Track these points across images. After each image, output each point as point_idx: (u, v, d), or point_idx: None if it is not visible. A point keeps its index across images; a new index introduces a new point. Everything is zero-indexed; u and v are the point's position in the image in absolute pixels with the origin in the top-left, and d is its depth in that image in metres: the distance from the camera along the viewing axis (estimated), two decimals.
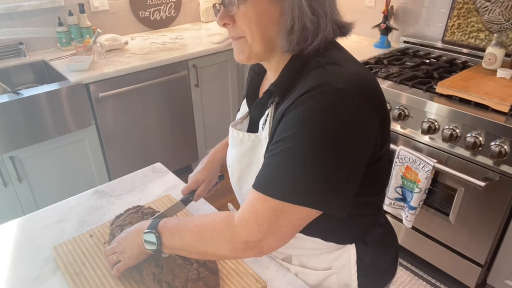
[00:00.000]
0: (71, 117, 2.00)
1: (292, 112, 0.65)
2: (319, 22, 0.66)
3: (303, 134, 0.63)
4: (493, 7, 1.88)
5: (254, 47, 0.70)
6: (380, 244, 0.87)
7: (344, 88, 0.63)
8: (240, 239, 0.69)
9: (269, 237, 0.68)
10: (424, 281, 1.96)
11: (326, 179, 0.63)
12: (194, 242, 0.75)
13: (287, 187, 0.64)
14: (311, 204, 0.65)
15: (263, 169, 0.69)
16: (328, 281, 0.86)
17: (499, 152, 1.47)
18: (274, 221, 0.66)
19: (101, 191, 1.18)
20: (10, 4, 2.16)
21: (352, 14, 2.58)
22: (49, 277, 0.89)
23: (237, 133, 0.83)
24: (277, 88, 0.72)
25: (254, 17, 0.66)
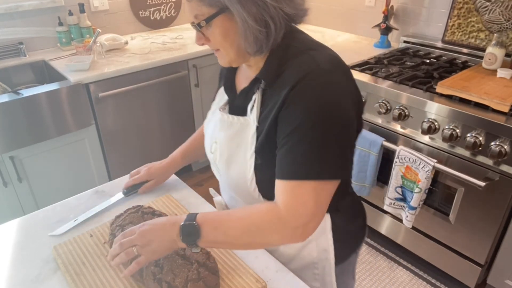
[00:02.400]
0: (71, 117, 2.00)
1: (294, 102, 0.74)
2: (269, 29, 0.76)
3: (310, 120, 0.73)
4: (493, 7, 1.88)
5: (230, 56, 0.81)
6: (350, 210, 0.98)
7: (329, 69, 0.75)
8: (290, 226, 0.75)
9: (315, 218, 0.76)
10: (424, 281, 1.96)
11: (340, 151, 0.76)
12: (240, 234, 0.77)
13: (318, 167, 0.74)
14: (340, 176, 0.77)
15: (287, 159, 0.76)
16: (308, 248, 0.94)
17: (499, 152, 1.47)
18: (317, 200, 0.75)
19: (101, 191, 1.18)
20: (10, 4, 2.16)
21: (352, 14, 2.58)
22: (49, 277, 0.89)
23: (227, 116, 0.89)
24: (266, 75, 0.81)
25: (220, 35, 0.78)
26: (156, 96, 2.31)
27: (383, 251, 2.14)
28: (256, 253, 0.94)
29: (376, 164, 1.85)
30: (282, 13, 0.76)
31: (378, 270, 2.03)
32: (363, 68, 1.97)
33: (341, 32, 2.69)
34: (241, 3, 0.72)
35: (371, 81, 1.83)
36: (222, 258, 0.91)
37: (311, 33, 2.59)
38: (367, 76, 1.89)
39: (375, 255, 2.12)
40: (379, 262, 2.07)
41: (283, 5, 0.75)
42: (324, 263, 0.95)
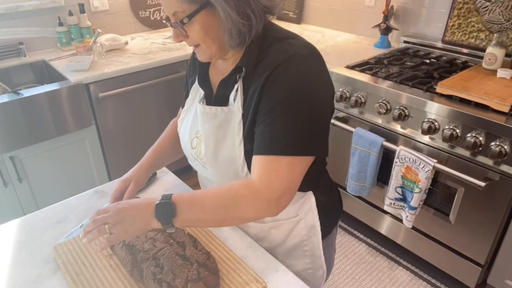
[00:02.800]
0: (71, 117, 2.00)
1: (274, 83, 0.79)
2: (251, 21, 0.79)
3: (289, 99, 0.77)
4: (493, 7, 1.88)
5: (211, 50, 0.83)
6: (328, 185, 1.04)
7: (307, 54, 0.81)
8: (264, 199, 0.78)
9: (288, 192, 0.80)
10: (424, 281, 1.96)
11: (319, 129, 0.81)
12: (215, 209, 0.79)
13: (294, 143, 0.78)
14: (315, 152, 0.81)
15: (264, 135, 0.79)
16: (298, 227, 0.99)
17: (499, 152, 1.47)
18: (291, 175, 0.79)
19: (101, 191, 1.18)
20: (10, 4, 2.16)
21: (352, 14, 2.58)
22: (49, 277, 0.89)
23: (209, 108, 0.91)
24: (246, 63, 0.83)
25: (201, 31, 0.79)
26: (156, 96, 2.31)
27: (383, 251, 2.14)
28: (256, 253, 0.94)
29: (376, 164, 1.85)
30: (260, 5, 0.79)
31: (378, 270, 2.03)
32: (363, 68, 1.97)
33: (341, 32, 2.69)
34: None
35: (371, 81, 1.83)
36: (222, 258, 0.91)
37: (311, 33, 2.59)
38: (367, 76, 1.89)
39: (375, 255, 2.12)
40: (379, 262, 2.07)
41: None
42: (312, 239, 1.00)
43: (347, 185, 2.02)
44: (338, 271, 2.02)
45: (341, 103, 1.99)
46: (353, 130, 1.89)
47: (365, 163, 1.89)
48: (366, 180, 1.93)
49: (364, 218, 2.17)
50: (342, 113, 2.01)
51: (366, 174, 1.91)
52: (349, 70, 1.96)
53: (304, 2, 2.85)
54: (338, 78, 1.95)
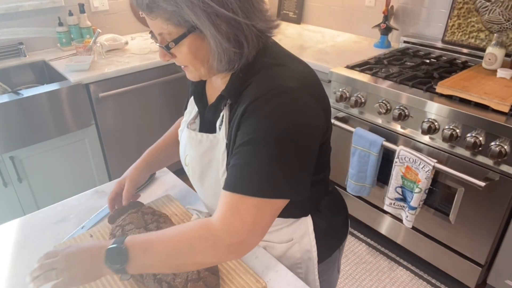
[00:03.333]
0: (71, 117, 2.00)
1: (252, 116, 0.72)
2: (242, 49, 0.73)
3: (266, 136, 0.70)
4: (493, 7, 1.88)
5: (199, 72, 0.78)
6: (331, 209, 0.97)
7: (292, 87, 0.72)
8: (223, 243, 0.71)
9: (252, 235, 0.73)
10: (424, 281, 1.96)
11: (292, 170, 0.72)
12: (170, 254, 0.72)
13: (265, 184, 0.71)
14: (287, 196, 0.73)
15: (234, 171, 0.73)
16: (291, 250, 0.95)
17: (499, 152, 1.47)
18: (256, 218, 0.71)
19: (101, 191, 1.18)
20: (10, 4, 2.16)
21: (352, 14, 2.58)
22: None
23: (195, 134, 0.88)
24: (230, 92, 0.78)
25: (189, 54, 0.74)
26: (156, 96, 2.31)
27: (383, 251, 2.14)
28: (256, 253, 0.94)
29: (376, 164, 1.85)
30: (255, 30, 0.73)
31: (378, 270, 2.03)
32: (363, 68, 1.97)
33: (341, 32, 2.69)
34: (215, 25, 0.68)
35: (371, 81, 1.83)
36: None
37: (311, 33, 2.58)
38: (367, 76, 1.89)
39: (375, 255, 2.12)
40: (379, 262, 2.07)
41: (256, 21, 0.73)
42: (307, 263, 0.96)
43: (347, 185, 2.02)
44: None
45: (341, 103, 1.99)
46: (353, 130, 1.89)
47: (365, 163, 1.89)
48: (366, 180, 1.93)
49: (364, 218, 2.17)
50: (342, 113, 2.01)
51: (366, 174, 1.91)
52: (349, 70, 1.96)
53: (304, 2, 2.85)
54: (338, 78, 1.95)
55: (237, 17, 0.69)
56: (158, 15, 0.70)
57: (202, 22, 0.68)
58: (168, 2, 0.67)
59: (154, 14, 0.70)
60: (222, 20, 0.68)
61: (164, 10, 0.68)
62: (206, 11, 0.67)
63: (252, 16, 0.72)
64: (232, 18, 0.69)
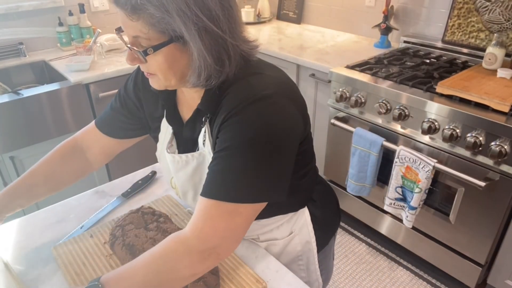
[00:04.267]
0: (71, 117, 2.00)
1: (230, 124, 0.71)
2: (224, 68, 0.71)
3: (243, 142, 0.70)
4: (493, 7, 1.88)
5: (168, 82, 0.74)
6: (324, 197, 1.00)
7: (269, 94, 0.72)
8: (195, 250, 0.70)
9: (225, 241, 0.72)
10: (424, 281, 1.96)
11: (269, 175, 0.72)
12: (146, 277, 0.70)
13: (239, 190, 0.70)
14: (262, 199, 0.73)
15: (209, 177, 0.73)
16: (292, 244, 0.97)
17: (499, 152, 1.47)
18: (230, 224, 0.71)
19: (101, 191, 1.18)
20: (10, 4, 2.16)
21: (352, 14, 2.58)
22: (49, 277, 0.89)
23: (179, 157, 0.86)
24: (206, 106, 0.77)
25: (165, 63, 0.70)
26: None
27: (383, 251, 2.14)
28: (256, 253, 0.94)
29: (376, 164, 1.85)
30: (239, 50, 0.73)
31: (378, 270, 2.03)
32: (363, 68, 1.97)
33: (341, 32, 2.69)
34: (202, 39, 0.66)
35: (371, 81, 1.83)
36: None
37: (311, 33, 2.59)
38: (367, 76, 1.89)
39: (375, 255, 2.12)
40: (379, 262, 2.07)
41: (240, 42, 0.73)
42: (307, 254, 0.98)
43: (347, 185, 2.02)
44: (338, 271, 2.02)
45: (341, 103, 1.99)
46: (353, 130, 1.89)
47: (365, 163, 1.89)
48: (366, 180, 1.92)
49: (364, 218, 2.17)
50: (342, 113, 2.01)
51: (366, 174, 1.91)
52: (349, 70, 1.96)
53: (304, 2, 2.85)
54: (338, 78, 1.95)
55: (224, 35, 0.68)
56: (140, 18, 0.66)
57: (191, 34, 0.66)
58: (158, 8, 0.64)
59: (136, 16, 0.66)
60: (210, 36, 0.67)
61: (151, 14, 0.65)
62: (197, 24, 0.65)
63: (236, 37, 0.72)
64: (220, 36, 0.68)
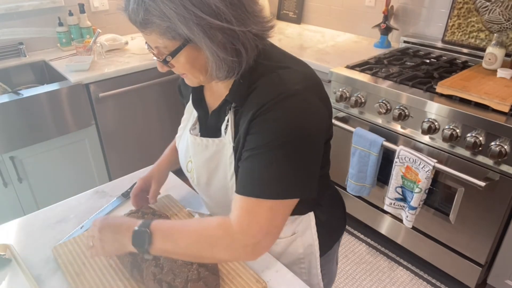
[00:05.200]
0: (71, 117, 2.00)
1: (261, 121, 0.73)
2: (241, 57, 0.73)
3: (278, 138, 0.72)
4: (493, 7, 1.88)
5: (199, 79, 0.79)
6: (331, 202, 1.00)
7: (298, 89, 0.74)
8: (240, 244, 0.73)
9: (268, 237, 0.74)
10: (424, 281, 1.96)
11: (304, 171, 0.74)
12: (189, 246, 0.76)
13: (279, 187, 0.72)
14: (297, 195, 0.75)
15: (245, 174, 0.75)
16: (294, 245, 0.96)
17: (499, 152, 1.47)
18: (272, 220, 0.74)
19: (101, 191, 1.18)
20: (10, 4, 2.16)
21: (352, 14, 2.58)
22: (49, 277, 0.89)
23: (200, 140, 0.88)
24: (234, 97, 0.79)
25: (187, 64, 0.75)
26: (156, 96, 2.31)
27: (383, 251, 2.14)
28: None
29: (376, 164, 1.85)
30: (251, 35, 0.73)
31: (378, 270, 2.03)
32: (363, 68, 1.97)
33: (341, 32, 2.69)
34: (209, 36, 0.68)
35: (371, 81, 1.83)
36: None
37: (311, 33, 2.58)
38: (367, 76, 1.89)
39: (375, 255, 2.12)
40: (379, 262, 2.07)
41: (251, 27, 0.72)
42: (310, 257, 0.98)
43: (347, 185, 2.02)
44: (338, 271, 2.02)
45: (341, 103, 1.99)
46: (353, 130, 1.89)
47: (365, 163, 1.89)
48: (366, 180, 1.93)
49: (364, 218, 2.17)
50: (342, 113, 2.01)
51: (366, 174, 1.91)
52: (349, 70, 1.96)
53: (304, 2, 2.85)
54: (338, 78, 1.95)
55: (231, 26, 0.68)
56: (152, 31, 0.70)
57: (196, 35, 0.68)
58: (161, 18, 0.67)
59: (148, 30, 0.70)
60: (216, 30, 0.68)
61: (158, 25, 0.68)
62: (200, 24, 0.67)
63: (246, 21, 0.71)
64: (226, 28, 0.68)
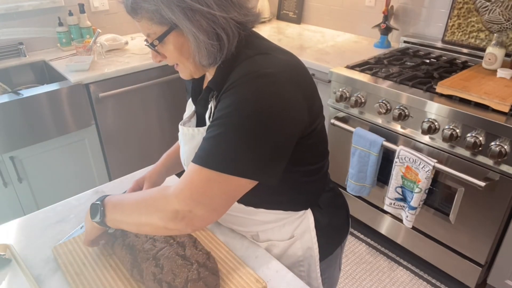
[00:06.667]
0: (71, 117, 2.00)
1: (227, 96, 0.74)
2: (222, 41, 0.75)
3: (237, 113, 0.71)
4: (493, 7, 1.88)
5: (189, 69, 0.82)
6: (332, 206, 0.98)
7: (271, 72, 0.73)
8: (171, 207, 0.73)
9: (200, 207, 0.73)
10: (424, 281, 1.96)
11: (257, 152, 0.72)
12: (131, 212, 0.79)
13: (223, 159, 0.72)
14: (243, 174, 0.72)
15: (201, 144, 0.76)
16: (293, 248, 0.96)
17: (499, 152, 1.47)
18: (207, 191, 0.72)
19: (101, 191, 1.18)
20: (10, 4, 2.16)
21: (352, 14, 2.58)
22: (49, 277, 0.89)
23: (187, 129, 0.90)
24: (214, 83, 0.80)
25: (175, 51, 0.78)
26: (156, 96, 2.31)
27: (383, 251, 2.14)
28: (256, 253, 0.94)
29: (376, 164, 1.85)
30: (233, 22, 0.75)
31: (378, 270, 2.03)
32: (363, 68, 1.97)
33: (341, 32, 2.69)
34: (189, 19, 0.71)
35: (371, 81, 1.83)
36: (222, 258, 0.91)
37: (311, 33, 2.58)
38: (367, 76, 1.89)
39: (375, 255, 2.12)
40: (379, 262, 2.07)
41: (233, 14, 0.75)
42: (309, 260, 0.97)
43: (347, 185, 2.02)
44: None
45: (341, 103, 1.99)
46: (353, 130, 1.89)
47: (365, 163, 1.89)
48: (366, 180, 1.93)
49: (364, 218, 2.17)
50: (342, 113, 2.01)
51: (366, 174, 1.91)
52: (349, 70, 1.96)
53: (304, 2, 2.85)
54: (338, 78, 1.95)
55: (211, 10, 0.72)
56: (142, 16, 0.74)
57: (178, 17, 0.71)
58: (148, 1, 0.71)
59: (139, 16, 0.75)
60: (197, 14, 0.71)
61: (146, 10, 0.72)
62: (181, 6, 0.70)
63: (228, 8, 0.74)
64: (206, 11, 0.71)
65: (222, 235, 1.00)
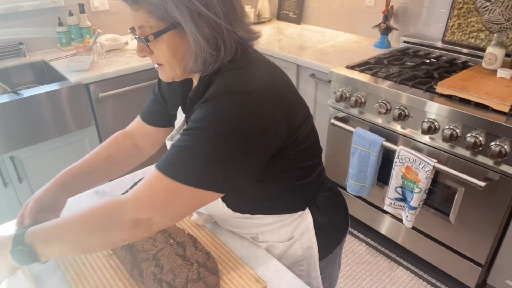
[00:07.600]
0: (71, 117, 2.00)
1: (201, 107, 0.72)
2: (219, 52, 0.73)
3: (207, 127, 0.70)
4: (493, 7, 1.88)
5: (174, 72, 0.78)
6: (331, 205, 0.98)
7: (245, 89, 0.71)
8: (129, 217, 0.70)
9: (159, 215, 0.71)
10: (424, 281, 1.96)
11: (222, 167, 0.71)
12: (77, 237, 0.72)
13: (188, 171, 0.70)
14: (207, 187, 0.71)
15: (168, 152, 0.74)
16: (292, 248, 0.95)
17: (499, 152, 1.47)
18: (169, 201, 0.71)
19: (101, 192, 1.18)
20: (10, 4, 2.16)
21: (352, 14, 2.58)
22: (49, 277, 0.89)
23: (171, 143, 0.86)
24: (195, 95, 0.79)
25: (168, 51, 0.74)
26: None
27: (383, 251, 2.14)
28: (256, 253, 0.94)
29: (376, 164, 1.85)
30: (235, 37, 0.74)
31: (378, 270, 2.03)
32: (363, 68, 1.97)
33: (341, 32, 2.69)
34: (196, 23, 0.69)
35: (371, 81, 1.83)
36: (222, 258, 0.91)
37: (311, 33, 2.58)
38: (367, 76, 1.89)
39: (375, 255, 2.12)
40: (379, 262, 2.07)
41: (237, 29, 0.74)
42: (308, 260, 0.97)
43: (347, 185, 2.02)
44: None
45: (341, 103, 1.99)
46: (353, 130, 1.89)
47: (365, 163, 1.89)
48: (366, 180, 1.93)
49: (364, 218, 2.17)
50: (342, 113, 2.01)
51: (366, 174, 1.91)
52: (349, 70, 1.96)
53: (304, 2, 2.85)
54: (338, 78, 1.95)
55: (218, 20, 0.70)
56: (141, 7, 0.70)
57: (184, 18, 0.69)
58: None
59: (138, 6, 0.70)
60: (203, 20, 0.70)
61: (149, 2, 0.69)
62: (190, 8, 0.68)
63: (233, 23, 0.73)
64: (213, 20, 0.70)
65: (222, 235, 1.00)
